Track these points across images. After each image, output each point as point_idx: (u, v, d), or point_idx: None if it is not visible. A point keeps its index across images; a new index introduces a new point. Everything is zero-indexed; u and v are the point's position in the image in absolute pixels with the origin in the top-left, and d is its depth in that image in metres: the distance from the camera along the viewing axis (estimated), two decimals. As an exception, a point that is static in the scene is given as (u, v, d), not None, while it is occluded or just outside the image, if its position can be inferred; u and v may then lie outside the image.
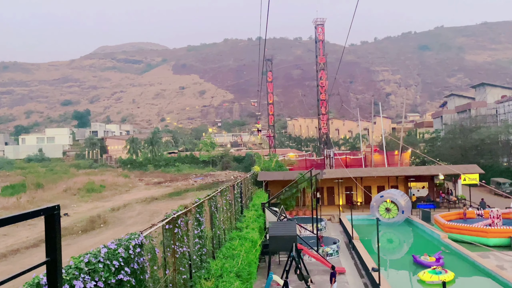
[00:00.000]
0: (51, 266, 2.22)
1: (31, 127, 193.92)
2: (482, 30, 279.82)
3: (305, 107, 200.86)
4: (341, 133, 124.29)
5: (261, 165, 42.29)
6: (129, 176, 68.96)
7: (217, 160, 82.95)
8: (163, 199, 44.75)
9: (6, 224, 1.97)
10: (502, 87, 74.27)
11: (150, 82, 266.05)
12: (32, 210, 2.14)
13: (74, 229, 29.55)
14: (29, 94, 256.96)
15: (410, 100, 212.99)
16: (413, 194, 36.89)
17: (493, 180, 45.05)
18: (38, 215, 2.18)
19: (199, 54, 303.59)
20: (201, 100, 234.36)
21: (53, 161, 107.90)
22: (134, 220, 32.76)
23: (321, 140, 59.52)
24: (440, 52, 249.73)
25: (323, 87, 55.71)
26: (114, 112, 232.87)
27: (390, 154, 46.61)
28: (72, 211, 37.73)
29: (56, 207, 2.30)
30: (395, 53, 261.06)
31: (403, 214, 29.97)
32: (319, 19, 56.21)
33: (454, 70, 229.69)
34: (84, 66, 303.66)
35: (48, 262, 2.21)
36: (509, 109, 58.95)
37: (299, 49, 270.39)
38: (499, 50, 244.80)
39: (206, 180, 62.35)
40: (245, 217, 19.81)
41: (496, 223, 24.72)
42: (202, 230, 11.27)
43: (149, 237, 7.14)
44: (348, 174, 35.67)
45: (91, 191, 49.44)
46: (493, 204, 33.94)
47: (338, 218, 32.46)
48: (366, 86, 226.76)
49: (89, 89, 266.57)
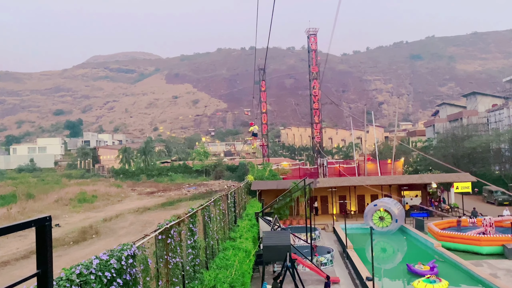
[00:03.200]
0: (42, 278, 2.18)
1: (22, 137, 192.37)
2: (472, 40, 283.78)
3: (298, 116, 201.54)
4: (334, 142, 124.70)
5: (255, 174, 42.20)
6: (122, 186, 68.46)
7: (210, 170, 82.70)
8: (156, 209, 44.43)
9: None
10: (492, 96, 75.10)
11: (143, 91, 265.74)
12: (23, 221, 2.10)
13: (66, 240, 29.19)
14: (21, 104, 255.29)
15: (403, 109, 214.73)
16: (406, 202, 36.98)
17: (485, 189, 45.34)
18: (29, 226, 2.14)
19: (192, 63, 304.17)
20: (194, 109, 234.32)
21: (45, 171, 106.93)
22: (127, 230, 32.45)
23: (315, 149, 59.65)
24: (431, 62, 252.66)
25: (316, 96, 55.98)
26: (106, 121, 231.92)
27: (383, 162, 46.77)
28: (63, 221, 37.31)
29: (48, 218, 2.26)
30: (387, 63, 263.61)
31: (397, 222, 30.00)
32: (312, 29, 56.67)
33: (445, 79, 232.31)
34: (77, 76, 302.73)
35: (39, 274, 2.17)
36: (500, 118, 59.60)
37: (292, 58, 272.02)
38: (489, 60, 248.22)
39: (199, 189, 62.06)
40: (238, 227, 19.71)
41: (489, 231, 24.81)
42: (195, 240, 11.17)
43: (141, 247, 7.06)
44: (341, 183, 35.71)
45: (83, 202, 48.99)
46: (485, 212, 34.13)
47: (332, 227, 32.40)
48: (359, 95, 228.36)
49: (82, 98, 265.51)
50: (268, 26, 10.35)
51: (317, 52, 57.23)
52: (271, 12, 9.06)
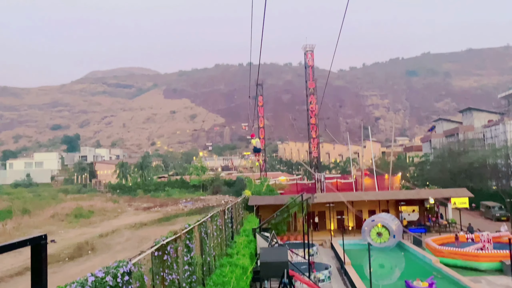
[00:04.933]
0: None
1: (19, 152, 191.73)
2: (467, 56, 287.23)
3: (295, 131, 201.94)
4: (332, 157, 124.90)
5: (252, 189, 42.08)
6: (118, 201, 68.05)
7: (207, 185, 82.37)
8: (152, 224, 44.11)
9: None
10: (488, 112, 75.64)
11: (141, 106, 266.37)
12: (18, 240, 2.10)
13: (61, 256, 28.88)
14: (18, 119, 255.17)
15: (399, 124, 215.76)
16: (404, 218, 36.87)
17: (483, 204, 45.32)
18: (24, 245, 2.14)
19: (190, 79, 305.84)
20: (192, 124, 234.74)
21: (41, 186, 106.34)
22: (123, 246, 32.15)
23: (312, 163, 59.68)
24: (427, 77, 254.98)
25: (313, 111, 56.31)
26: (104, 136, 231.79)
27: (381, 178, 46.78)
28: (59, 237, 36.95)
29: (43, 237, 2.26)
30: (383, 78, 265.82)
31: (395, 238, 29.87)
32: (309, 45, 57.33)
33: (441, 95, 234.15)
34: (75, 91, 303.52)
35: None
36: (496, 133, 59.92)
37: (289, 74, 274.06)
38: (484, 76, 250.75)
39: (196, 205, 61.74)
40: (235, 243, 19.57)
41: (487, 247, 24.73)
42: (192, 256, 11.09)
43: (137, 264, 7.00)
44: (339, 198, 35.65)
45: (79, 217, 48.59)
46: (483, 228, 34.05)
47: (330, 243, 32.20)
48: (355, 110, 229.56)
49: (79, 113, 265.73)
50: (265, 42, 10.52)
51: (314, 68, 57.76)
52: (261, 29, 9.21)
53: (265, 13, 8.75)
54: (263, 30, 9.16)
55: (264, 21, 8.88)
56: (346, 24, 9.70)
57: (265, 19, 8.96)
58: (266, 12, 8.71)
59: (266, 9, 8.65)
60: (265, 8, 8.59)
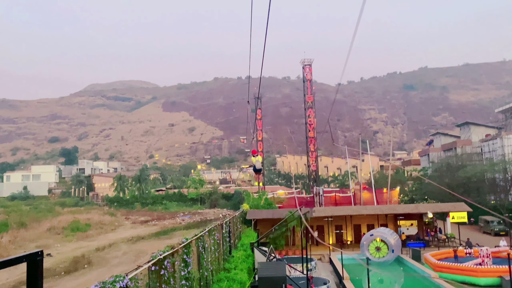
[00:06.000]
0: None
1: (16, 164, 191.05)
2: (464, 71, 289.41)
3: (294, 144, 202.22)
4: (330, 170, 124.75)
5: (250, 202, 41.93)
6: (116, 214, 67.62)
7: (205, 198, 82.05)
8: (150, 238, 43.78)
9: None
10: (485, 126, 75.99)
11: (139, 119, 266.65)
12: (14, 257, 2.09)
13: (57, 270, 28.57)
14: (16, 131, 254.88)
15: (397, 138, 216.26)
16: (403, 232, 36.71)
17: (482, 218, 45.20)
18: (20, 261, 2.12)
19: (189, 92, 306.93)
20: (190, 137, 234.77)
21: (38, 199, 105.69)
22: (119, 260, 31.86)
23: (310, 177, 59.64)
24: (425, 92, 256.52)
25: (311, 125, 56.48)
26: (102, 149, 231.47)
27: (379, 191, 46.71)
28: (55, 251, 36.60)
29: (39, 253, 2.24)
30: (381, 92, 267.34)
31: (393, 253, 29.70)
32: (307, 60, 57.79)
33: (439, 109, 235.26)
34: (74, 103, 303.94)
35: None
36: (494, 148, 60.10)
37: (287, 87, 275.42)
38: (481, 90, 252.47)
39: (194, 218, 61.40)
40: (233, 257, 19.43)
41: (486, 262, 24.59)
42: (189, 271, 11.00)
43: (134, 279, 6.94)
44: (338, 212, 35.52)
45: (75, 230, 48.20)
46: (482, 242, 33.90)
47: (328, 258, 31.98)
48: (354, 124, 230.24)
49: (78, 126, 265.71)
50: (264, 56, 10.61)
51: (312, 82, 58.14)
52: (263, 43, 9.30)
53: (267, 30, 8.87)
54: (265, 45, 9.26)
55: (266, 37, 8.98)
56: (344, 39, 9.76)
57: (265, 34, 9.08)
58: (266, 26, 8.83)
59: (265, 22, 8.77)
60: (267, 26, 8.71)
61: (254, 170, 22.09)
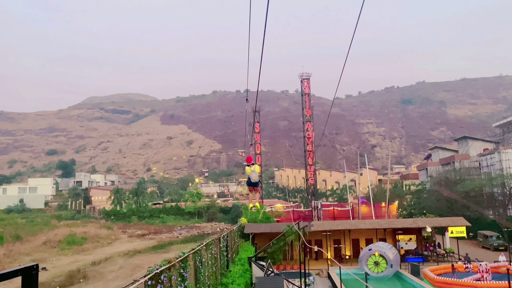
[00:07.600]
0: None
1: (13, 177, 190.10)
2: (461, 85, 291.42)
3: (292, 158, 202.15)
4: (328, 184, 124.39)
5: (248, 216, 41.70)
6: (112, 227, 67.09)
7: (203, 211, 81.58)
8: (146, 252, 43.37)
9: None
10: (483, 140, 76.23)
11: (137, 132, 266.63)
12: (9, 271, 2.05)
13: (52, 285, 28.21)
14: (14, 144, 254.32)
15: (395, 152, 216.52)
16: (401, 247, 36.49)
17: (480, 233, 45.02)
18: (15, 275, 2.09)
19: (187, 105, 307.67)
20: (188, 150, 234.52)
21: (35, 212, 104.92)
22: (116, 274, 31.49)
23: (309, 191, 59.47)
24: (423, 106, 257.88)
25: (309, 138, 56.54)
26: (99, 162, 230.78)
27: (377, 206, 46.57)
28: (51, 265, 36.19)
29: (34, 267, 2.21)
30: (379, 107, 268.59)
31: (392, 268, 29.47)
32: (305, 74, 58.15)
33: (437, 124, 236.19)
34: (72, 116, 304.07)
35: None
36: (492, 162, 60.18)
37: (285, 101, 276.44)
38: (478, 105, 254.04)
39: (191, 232, 60.97)
40: (231, 272, 19.24)
41: (486, 278, 24.40)
42: (186, 286, 10.87)
43: (130, 294, 6.85)
44: (336, 227, 35.32)
45: (71, 244, 47.75)
46: (481, 257, 33.70)
47: (327, 273, 31.70)
48: (352, 138, 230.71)
49: (76, 138, 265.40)
50: (262, 70, 10.67)
51: (310, 95, 58.41)
52: (260, 57, 9.37)
53: (264, 43, 8.95)
54: (262, 59, 9.33)
55: (262, 51, 9.05)
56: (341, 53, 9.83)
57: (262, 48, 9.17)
58: (263, 40, 8.92)
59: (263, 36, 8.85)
60: (264, 40, 8.77)
61: (248, 183, 15.57)
